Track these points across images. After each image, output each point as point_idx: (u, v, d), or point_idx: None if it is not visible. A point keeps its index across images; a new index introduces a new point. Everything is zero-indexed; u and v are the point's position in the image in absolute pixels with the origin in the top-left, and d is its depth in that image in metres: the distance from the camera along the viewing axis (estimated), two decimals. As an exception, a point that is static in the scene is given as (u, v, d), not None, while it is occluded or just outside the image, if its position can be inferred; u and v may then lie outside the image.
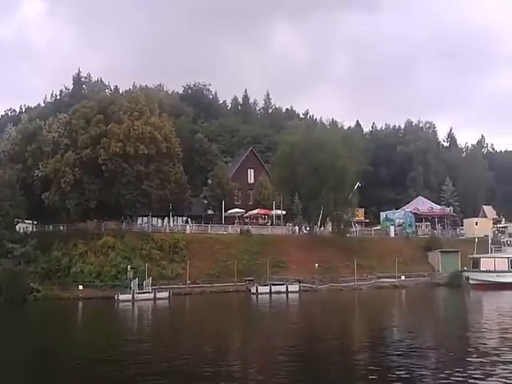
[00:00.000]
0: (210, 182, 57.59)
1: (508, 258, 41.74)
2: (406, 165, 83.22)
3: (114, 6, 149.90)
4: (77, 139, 46.71)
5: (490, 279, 40.31)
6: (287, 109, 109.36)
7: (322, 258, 45.86)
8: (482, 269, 41.07)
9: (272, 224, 56.26)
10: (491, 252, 43.66)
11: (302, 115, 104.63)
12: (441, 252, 48.02)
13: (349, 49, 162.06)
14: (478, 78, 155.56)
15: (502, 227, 58.81)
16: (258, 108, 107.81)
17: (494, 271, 40.77)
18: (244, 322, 27.60)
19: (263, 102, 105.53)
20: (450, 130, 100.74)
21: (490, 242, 44.10)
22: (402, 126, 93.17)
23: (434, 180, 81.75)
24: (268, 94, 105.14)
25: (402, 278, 43.84)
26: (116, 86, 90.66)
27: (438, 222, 58.76)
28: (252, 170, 62.89)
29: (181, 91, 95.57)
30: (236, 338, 21.71)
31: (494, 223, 57.05)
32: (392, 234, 53.57)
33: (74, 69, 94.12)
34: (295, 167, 47.30)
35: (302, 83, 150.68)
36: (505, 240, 45.72)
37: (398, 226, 55.56)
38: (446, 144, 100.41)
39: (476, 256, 42.40)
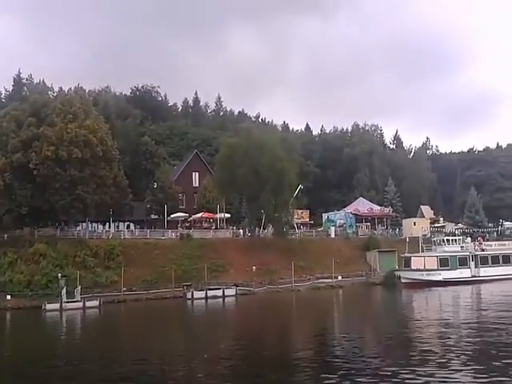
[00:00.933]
0: (151, 185, 56.67)
1: (437, 256, 43.24)
2: (352, 166, 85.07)
3: (64, 7, 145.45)
4: (7, 143, 44.90)
5: (421, 278, 41.60)
6: (239, 111, 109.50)
7: (263, 260, 46.05)
8: (412, 267, 42.39)
9: (217, 227, 56.02)
10: (423, 251, 45.14)
11: (253, 118, 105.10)
12: (378, 252, 49.19)
13: (304, 53, 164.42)
14: (428, 83, 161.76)
15: (440, 226, 61.13)
16: (209, 111, 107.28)
17: (424, 270, 42.13)
18: (170, 329, 27.16)
19: (214, 105, 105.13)
20: (396, 133, 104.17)
21: (421, 241, 45.51)
22: (350, 129, 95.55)
23: (379, 181, 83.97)
24: (219, 97, 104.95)
25: (339, 278, 44.54)
26: (61, 88, 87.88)
27: (379, 223, 60.30)
28: (197, 173, 62.41)
29: (129, 93, 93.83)
30: (151, 346, 21.23)
31: (431, 223, 59.10)
32: (333, 235, 54.47)
33: (19, 70, 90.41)
34: (236, 170, 47.24)
35: (258, 86, 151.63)
36: (435, 239, 47.36)
37: (339, 226, 56.57)
38: (392, 146, 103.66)
39: (407, 255, 43.73)
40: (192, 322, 30.28)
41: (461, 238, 46.90)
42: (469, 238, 47.86)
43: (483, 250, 45.24)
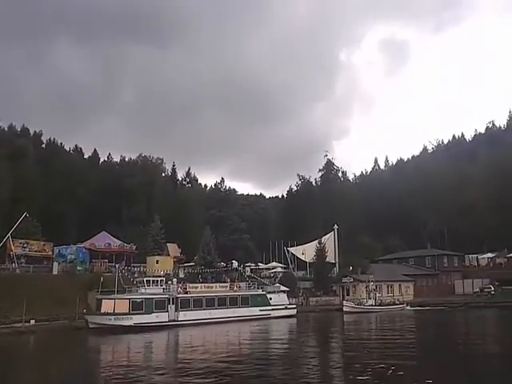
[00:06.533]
0: None
1: (129, 299, 40.44)
2: (129, 198, 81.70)
3: None
4: None
5: (109, 322, 38.25)
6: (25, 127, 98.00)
7: None
8: (102, 311, 38.90)
9: None
10: (124, 292, 42.04)
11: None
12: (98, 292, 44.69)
13: (135, 82, 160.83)
14: (256, 129, 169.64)
15: (191, 266, 60.18)
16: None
17: (113, 313, 38.90)
18: None
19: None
20: (189, 170, 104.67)
21: (117, 280, 41.82)
22: (137, 160, 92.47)
23: (158, 215, 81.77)
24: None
25: (32, 322, 38.68)
26: None
27: (123, 259, 56.57)
28: None
29: None
30: None
31: (176, 261, 57.58)
32: (55, 272, 48.64)
33: None
34: None
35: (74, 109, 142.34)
36: (137, 280, 44.97)
37: (70, 262, 51.12)
38: (185, 183, 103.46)
39: (99, 297, 40.24)
40: None
41: (163, 279, 45.16)
42: (175, 280, 46.65)
43: (187, 293, 44.22)
